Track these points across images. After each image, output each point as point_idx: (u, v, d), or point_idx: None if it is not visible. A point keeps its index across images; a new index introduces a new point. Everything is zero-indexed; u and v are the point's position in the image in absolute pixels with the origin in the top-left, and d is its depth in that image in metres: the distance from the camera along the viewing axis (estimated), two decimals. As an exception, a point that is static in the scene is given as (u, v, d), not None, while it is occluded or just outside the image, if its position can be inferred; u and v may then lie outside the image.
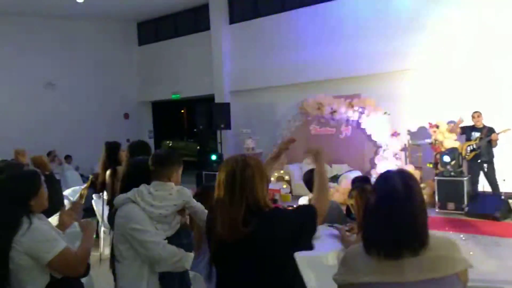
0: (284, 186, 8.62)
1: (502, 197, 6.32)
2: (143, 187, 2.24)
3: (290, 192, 8.65)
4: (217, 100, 11.05)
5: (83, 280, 2.30)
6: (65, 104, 11.47)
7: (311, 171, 4.04)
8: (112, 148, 4.03)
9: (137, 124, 13.24)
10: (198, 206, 2.36)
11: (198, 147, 14.10)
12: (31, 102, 10.82)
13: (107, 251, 5.15)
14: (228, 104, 10.24)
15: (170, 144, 15.16)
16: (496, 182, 6.71)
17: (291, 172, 8.81)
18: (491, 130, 6.76)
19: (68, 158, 10.54)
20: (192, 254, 2.27)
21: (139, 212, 2.17)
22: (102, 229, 5.13)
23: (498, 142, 6.74)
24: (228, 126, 10.14)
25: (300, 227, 1.70)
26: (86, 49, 11.85)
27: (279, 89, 10.17)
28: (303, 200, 4.17)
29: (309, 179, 3.93)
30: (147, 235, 2.12)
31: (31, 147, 10.04)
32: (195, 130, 12.93)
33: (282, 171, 8.89)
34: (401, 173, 1.50)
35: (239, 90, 10.95)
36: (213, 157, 9.86)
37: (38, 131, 10.61)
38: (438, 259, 1.37)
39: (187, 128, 14.79)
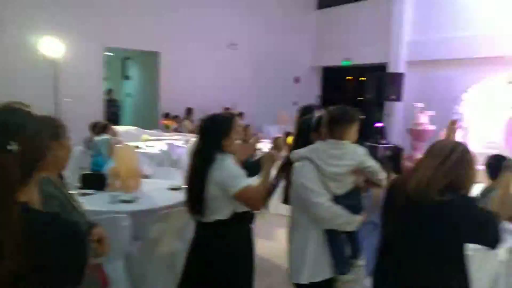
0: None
1: None
2: (318, 144, 2.26)
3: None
4: (391, 69, 10.47)
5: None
6: (243, 64, 12.26)
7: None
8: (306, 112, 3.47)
9: (306, 89, 13.50)
10: (374, 165, 2.26)
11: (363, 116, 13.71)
12: (215, 60, 11.70)
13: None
14: (401, 74, 9.62)
15: (335, 111, 15.10)
16: None
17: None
18: None
19: (240, 115, 11.41)
20: (358, 217, 2.21)
21: (310, 169, 2.20)
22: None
23: None
24: (398, 98, 9.58)
25: (485, 226, 1.72)
26: (266, 12, 12.32)
27: (463, 62, 9.05)
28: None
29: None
30: (311, 195, 2.16)
31: (210, 101, 11.07)
32: (360, 98, 12.57)
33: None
34: None
35: (416, 61, 10.13)
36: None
37: (218, 87, 11.64)
38: None
39: (352, 96, 14.45)
